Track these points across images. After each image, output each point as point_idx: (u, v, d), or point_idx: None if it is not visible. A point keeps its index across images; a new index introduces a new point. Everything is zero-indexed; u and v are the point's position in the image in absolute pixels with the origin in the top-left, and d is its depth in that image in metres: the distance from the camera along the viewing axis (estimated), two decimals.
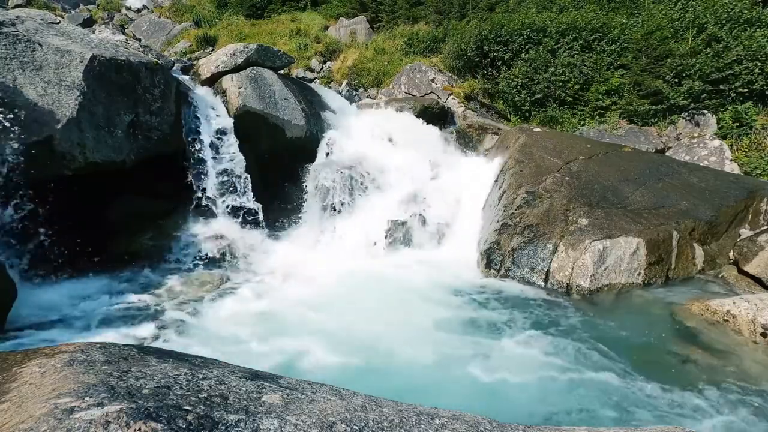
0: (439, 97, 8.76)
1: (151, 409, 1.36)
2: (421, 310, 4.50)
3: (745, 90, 7.68)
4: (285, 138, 6.26)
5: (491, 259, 5.33)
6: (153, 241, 5.36)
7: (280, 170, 6.38)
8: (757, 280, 5.01)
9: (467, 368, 3.60)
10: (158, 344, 3.76)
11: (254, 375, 1.99)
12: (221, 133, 5.75)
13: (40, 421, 1.27)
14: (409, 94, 9.19)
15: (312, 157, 6.56)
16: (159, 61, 5.56)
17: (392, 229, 6.07)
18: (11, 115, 4.10)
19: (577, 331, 4.17)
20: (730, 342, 4.00)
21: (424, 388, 3.32)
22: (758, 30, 8.01)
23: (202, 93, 5.97)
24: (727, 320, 4.19)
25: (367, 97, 9.73)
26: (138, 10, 16.45)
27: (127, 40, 7.47)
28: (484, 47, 9.05)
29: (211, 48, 12.30)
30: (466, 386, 3.37)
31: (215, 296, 4.73)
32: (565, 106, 8.35)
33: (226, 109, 5.91)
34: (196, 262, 5.37)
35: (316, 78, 11.02)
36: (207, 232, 5.53)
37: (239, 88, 5.96)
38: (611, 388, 3.40)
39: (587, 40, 8.59)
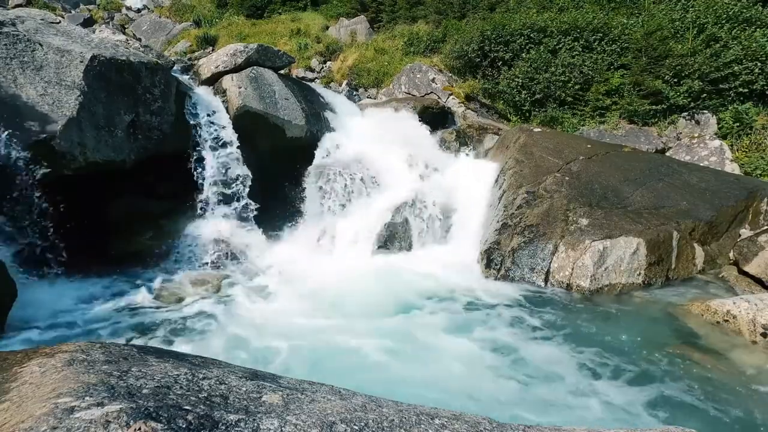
0: (439, 97, 8.75)
1: (151, 409, 1.36)
2: (420, 310, 4.50)
3: (745, 90, 7.67)
4: (285, 138, 6.25)
5: (491, 259, 5.33)
6: (153, 240, 5.36)
7: (280, 170, 6.37)
8: (757, 280, 5.00)
9: (467, 368, 3.60)
10: (158, 344, 3.77)
11: (254, 375, 1.99)
12: (221, 133, 5.75)
13: (40, 420, 1.27)
14: (409, 94, 9.19)
15: (312, 157, 6.55)
16: (159, 61, 5.56)
17: (392, 229, 6.07)
18: (11, 115, 4.10)
19: (578, 331, 4.17)
20: (730, 342, 4.00)
21: (423, 388, 3.32)
22: (758, 30, 8.01)
23: (202, 93, 5.97)
24: (727, 320, 4.19)
25: (368, 97, 9.73)
26: (138, 10, 16.45)
27: (127, 39, 7.46)
28: (485, 47, 9.04)
29: (211, 48, 12.29)
30: (465, 386, 3.37)
31: (215, 296, 4.73)
32: (566, 106, 8.34)
33: (226, 109, 5.91)
34: (196, 261, 5.37)
35: (316, 78, 11.02)
36: (207, 232, 5.53)
37: (239, 88, 5.96)
38: (611, 387, 3.40)
39: (588, 40, 8.58)
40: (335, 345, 3.82)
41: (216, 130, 5.73)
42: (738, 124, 7.49)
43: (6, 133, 4.01)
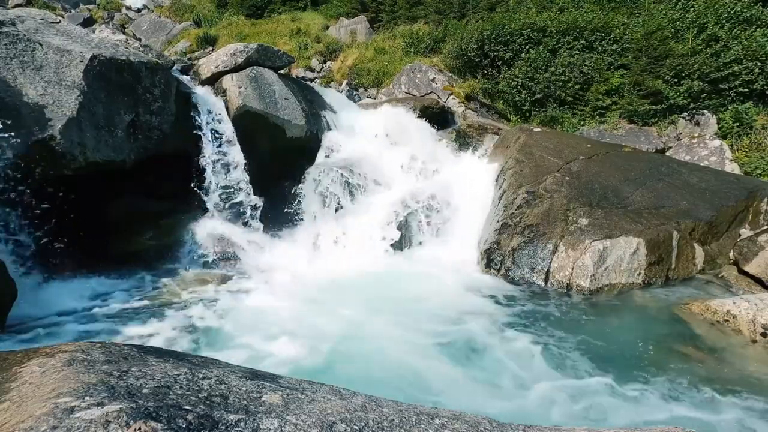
0: (439, 97, 8.75)
1: (151, 409, 1.36)
2: (419, 310, 4.50)
3: (745, 90, 7.68)
4: (285, 138, 6.25)
5: (491, 259, 5.33)
6: (153, 240, 5.36)
7: (280, 170, 6.37)
8: (757, 280, 5.01)
9: (465, 369, 3.60)
10: (158, 344, 3.76)
11: (254, 375, 1.99)
12: (221, 132, 5.75)
13: (40, 420, 1.27)
14: (409, 93, 9.19)
15: (312, 157, 6.56)
16: (159, 61, 5.56)
17: (391, 229, 6.07)
18: (11, 115, 4.09)
19: (578, 331, 4.17)
20: (730, 342, 4.00)
21: (421, 389, 3.32)
22: (758, 30, 8.01)
23: (202, 93, 5.96)
24: (727, 320, 4.19)
25: (368, 97, 9.73)
26: (138, 10, 16.45)
27: (127, 39, 7.46)
28: (485, 47, 9.04)
29: (211, 48, 12.30)
30: (464, 387, 3.37)
31: (215, 296, 4.73)
32: (566, 106, 8.35)
33: (227, 108, 5.91)
34: (196, 261, 5.37)
35: (316, 78, 11.02)
36: (207, 232, 5.53)
37: (239, 87, 5.96)
38: (611, 387, 3.40)
39: (588, 40, 8.58)
40: (335, 344, 3.81)
41: (216, 130, 5.73)
42: (738, 124, 7.50)
43: (5, 133, 4.01)
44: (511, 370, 3.59)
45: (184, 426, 1.32)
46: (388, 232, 6.06)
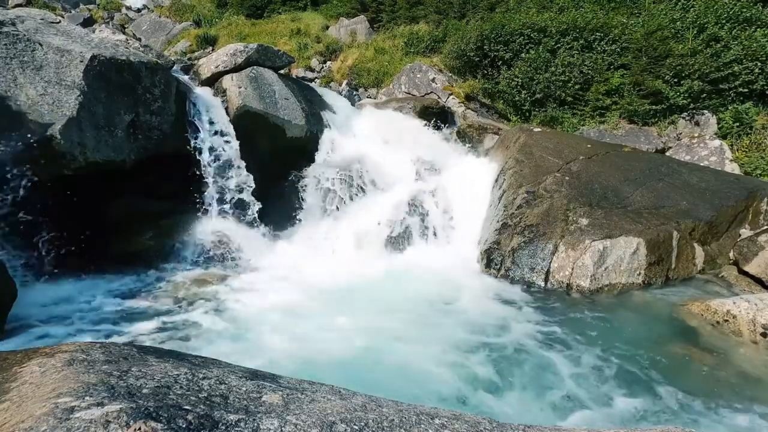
0: (439, 97, 8.75)
1: (151, 409, 1.36)
2: (419, 310, 4.50)
3: (745, 90, 7.68)
4: (285, 138, 6.25)
5: (491, 259, 5.33)
6: (153, 240, 5.35)
7: (280, 170, 6.37)
8: (757, 280, 5.01)
9: (464, 369, 3.60)
10: (158, 344, 3.76)
11: (254, 375, 1.99)
12: (221, 133, 5.75)
13: (41, 420, 1.27)
14: (409, 93, 9.18)
15: (312, 157, 6.56)
16: (159, 61, 5.55)
17: (391, 230, 6.07)
18: (11, 115, 4.09)
19: (577, 331, 4.17)
20: (730, 342, 4.00)
21: (420, 389, 3.32)
22: (758, 30, 8.01)
23: (202, 93, 5.97)
24: (727, 320, 4.19)
25: (368, 97, 9.73)
26: (138, 10, 16.44)
27: (127, 39, 7.46)
28: (485, 47, 9.04)
29: (211, 48, 12.29)
30: (463, 386, 3.37)
31: (215, 295, 4.73)
32: (565, 106, 8.34)
33: (226, 108, 5.91)
34: (196, 261, 5.37)
35: (316, 78, 11.01)
36: (207, 232, 5.52)
37: (239, 87, 5.96)
38: (611, 387, 3.40)
39: (588, 40, 8.58)
40: (335, 344, 3.81)
41: (216, 130, 5.73)
42: (738, 124, 7.50)
43: (5, 133, 4.01)
44: (510, 370, 3.59)
45: (184, 426, 1.32)
46: (387, 232, 6.06)
